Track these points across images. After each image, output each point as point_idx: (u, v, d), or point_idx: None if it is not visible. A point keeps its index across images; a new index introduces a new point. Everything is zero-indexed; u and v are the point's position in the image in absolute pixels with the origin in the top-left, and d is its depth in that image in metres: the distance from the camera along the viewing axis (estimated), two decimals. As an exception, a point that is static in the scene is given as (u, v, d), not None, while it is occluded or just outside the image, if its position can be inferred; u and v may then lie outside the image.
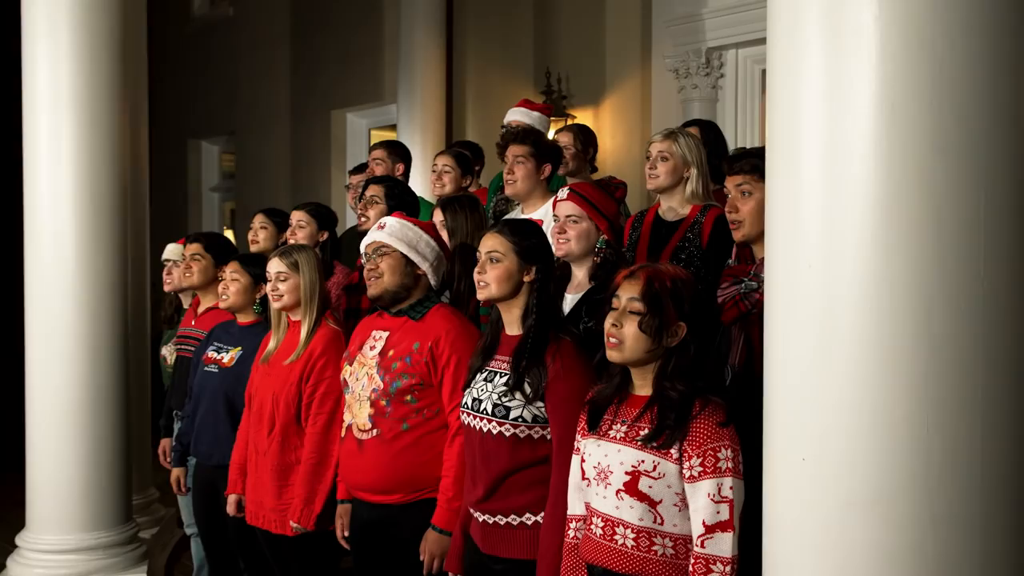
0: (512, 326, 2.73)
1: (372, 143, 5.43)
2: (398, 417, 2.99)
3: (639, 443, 2.27)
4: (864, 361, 1.77)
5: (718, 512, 2.19)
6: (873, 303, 1.76)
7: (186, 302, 4.73)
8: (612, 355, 2.34)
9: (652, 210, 3.84)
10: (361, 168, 5.24)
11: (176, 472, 4.06)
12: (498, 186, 4.82)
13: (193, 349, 4.16)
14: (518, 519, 2.63)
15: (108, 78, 4.22)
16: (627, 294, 2.33)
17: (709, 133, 4.09)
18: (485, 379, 2.71)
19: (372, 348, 3.10)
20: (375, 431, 3.01)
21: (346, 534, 3.23)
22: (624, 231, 3.62)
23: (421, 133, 7.35)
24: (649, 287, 2.31)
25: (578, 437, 2.48)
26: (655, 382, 2.31)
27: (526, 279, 2.68)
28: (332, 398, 3.34)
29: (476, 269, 2.72)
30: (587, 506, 2.40)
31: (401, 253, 3.07)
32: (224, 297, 3.87)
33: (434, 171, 4.58)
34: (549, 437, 2.61)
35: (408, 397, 2.98)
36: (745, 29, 6.25)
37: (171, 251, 4.81)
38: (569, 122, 6.45)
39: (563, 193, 3.17)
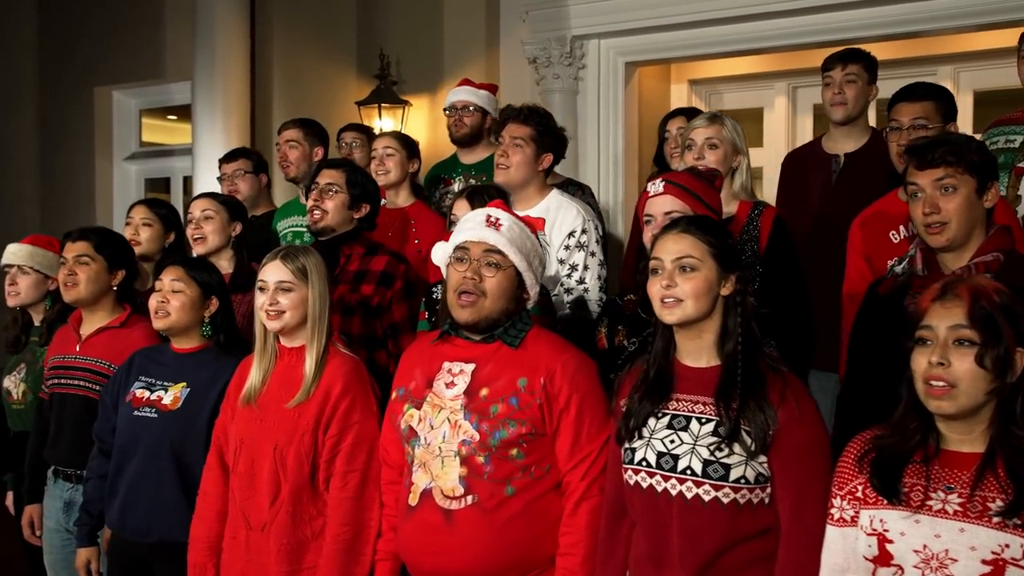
0: (698, 355, 2.11)
1: (282, 123, 4.45)
2: (500, 478, 2.25)
3: (996, 520, 1.74)
4: None
5: None
6: None
7: (37, 318, 3.58)
8: (942, 405, 1.79)
9: (683, 209, 3.33)
10: (233, 156, 4.31)
11: (86, 554, 2.93)
12: (439, 176, 4.13)
13: (85, 384, 3.10)
14: (736, 611, 2.02)
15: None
16: (946, 322, 1.80)
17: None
18: (670, 426, 2.07)
19: (451, 386, 2.32)
20: (471, 497, 2.25)
21: (399, 632, 2.45)
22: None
23: (223, 117, 6.46)
24: (976, 307, 1.78)
25: (843, 504, 1.91)
26: (996, 431, 1.79)
27: (723, 292, 2.08)
28: (364, 450, 2.52)
29: (662, 282, 2.06)
30: None
31: (516, 271, 2.34)
32: (161, 315, 2.89)
33: (374, 156, 3.80)
34: (768, 501, 2.03)
35: (514, 451, 2.25)
36: (610, 19, 6.00)
37: (13, 254, 3.59)
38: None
39: (657, 186, 2.61)
